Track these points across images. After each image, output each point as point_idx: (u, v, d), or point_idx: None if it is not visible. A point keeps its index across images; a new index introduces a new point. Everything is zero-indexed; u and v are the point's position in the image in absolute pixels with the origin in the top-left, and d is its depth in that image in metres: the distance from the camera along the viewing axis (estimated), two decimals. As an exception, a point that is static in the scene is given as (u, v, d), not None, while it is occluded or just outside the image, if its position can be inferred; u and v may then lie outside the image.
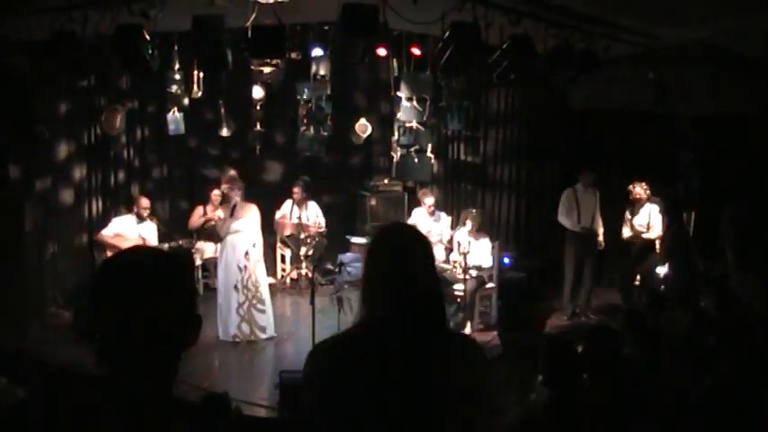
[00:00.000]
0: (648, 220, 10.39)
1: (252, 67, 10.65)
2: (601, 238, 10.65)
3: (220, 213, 9.54)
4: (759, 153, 9.77)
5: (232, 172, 9.59)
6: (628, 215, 10.59)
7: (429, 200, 11.31)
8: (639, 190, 10.38)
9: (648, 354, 5.82)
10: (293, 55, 10.33)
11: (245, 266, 9.31)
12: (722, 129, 10.14)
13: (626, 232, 10.63)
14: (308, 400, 2.52)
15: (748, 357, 4.18)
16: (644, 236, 10.41)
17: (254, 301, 9.37)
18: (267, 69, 10.70)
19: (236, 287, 9.28)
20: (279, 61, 10.08)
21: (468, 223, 10.24)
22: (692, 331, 5.61)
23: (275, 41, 7.60)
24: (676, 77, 9.47)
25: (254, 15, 7.34)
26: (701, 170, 10.39)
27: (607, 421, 4.50)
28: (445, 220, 11.56)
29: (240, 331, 9.34)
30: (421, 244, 2.59)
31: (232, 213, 9.34)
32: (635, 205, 10.49)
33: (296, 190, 11.82)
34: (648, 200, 10.39)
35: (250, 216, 9.39)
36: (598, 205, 10.55)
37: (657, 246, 10.31)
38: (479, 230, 10.28)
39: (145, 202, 10.32)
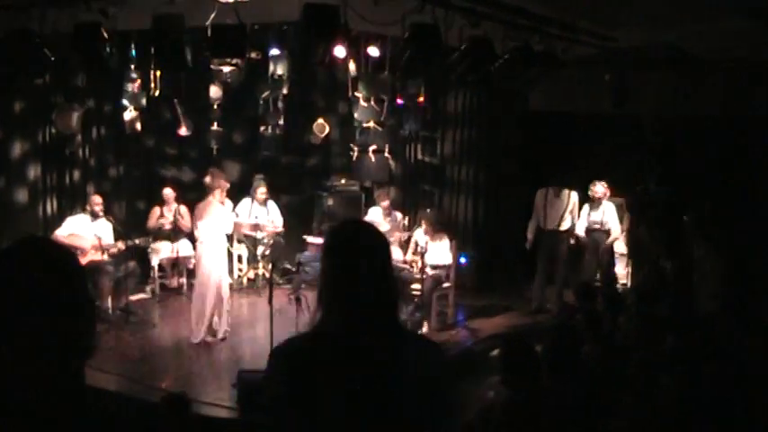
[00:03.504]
0: (602, 218, 10.58)
1: (212, 67, 10.61)
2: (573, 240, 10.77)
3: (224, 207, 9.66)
4: (718, 154, 9.97)
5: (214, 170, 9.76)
6: (585, 212, 10.75)
7: (385, 202, 11.38)
8: (600, 188, 10.54)
9: (607, 353, 5.92)
10: (253, 54, 10.31)
11: (218, 266, 9.34)
12: (680, 130, 10.33)
13: (580, 229, 10.78)
14: (269, 404, 2.50)
15: (705, 357, 4.28)
16: (599, 232, 10.59)
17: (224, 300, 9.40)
18: (227, 69, 10.66)
19: (216, 287, 9.29)
20: (239, 61, 10.06)
21: (424, 224, 10.32)
22: (649, 331, 5.71)
23: (236, 41, 7.59)
24: (634, 79, 9.62)
25: (213, 14, 7.32)
26: (660, 171, 10.58)
27: (566, 420, 4.56)
28: (399, 219, 11.60)
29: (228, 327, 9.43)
30: (380, 242, 2.56)
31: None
32: (592, 203, 10.66)
33: (263, 190, 11.74)
34: (606, 198, 10.58)
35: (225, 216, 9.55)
36: (573, 208, 10.68)
37: (617, 245, 10.53)
38: (437, 229, 10.33)
39: (97, 199, 10.21)
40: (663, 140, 10.64)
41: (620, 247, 11.15)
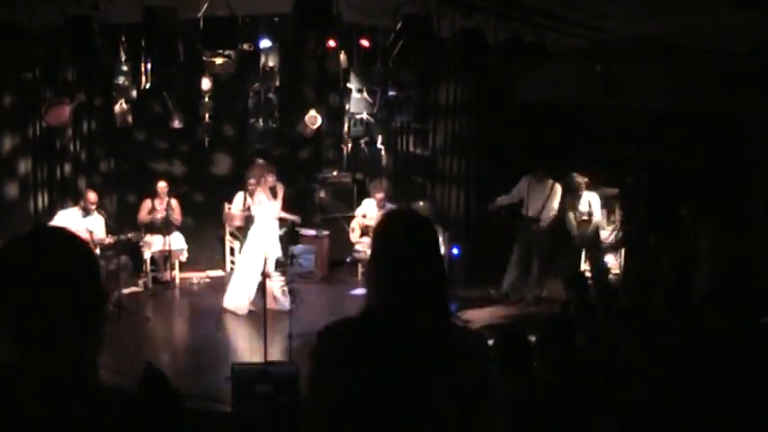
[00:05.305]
0: (589, 208, 10.59)
1: (204, 59, 10.56)
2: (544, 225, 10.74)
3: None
4: (706, 146, 9.99)
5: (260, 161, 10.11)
6: (571, 203, 10.76)
7: (379, 194, 11.38)
8: (578, 179, 10.54)
9: (599, 345, 5.92)
10: (245, 46, 10.26)
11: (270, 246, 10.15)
12: (670, 122, 10.34)
13: (570, 218, 10.78)
14: (312, 384, 2.50)
15: (699, 350, 4.28)
16: (585, 222, 10.62)
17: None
18: (219, 60, 10.61)
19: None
20: (231, 52, 10.03)
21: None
22: (642, 323, 5.72)
23: (228, 32, 7.57)
24: (624, 71, 9.63)
25: (205, 6, 7.29)
26: (648, 163, 10.59)
27: (561, 412, 4.56)
28: (394, 211, 11.58)
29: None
30: (432, 232, 2.56)
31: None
32: (575, 194, 10.65)
33: (252, 181, 11.68)
34: (587, 188, 10.59)
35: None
36: (553, 198, 10.64)
37: (603, 234, 10.53)
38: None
39: (92, 196, 10.17)
40: (651, 131, 10.67)
41: (605, 237, 11.17)
